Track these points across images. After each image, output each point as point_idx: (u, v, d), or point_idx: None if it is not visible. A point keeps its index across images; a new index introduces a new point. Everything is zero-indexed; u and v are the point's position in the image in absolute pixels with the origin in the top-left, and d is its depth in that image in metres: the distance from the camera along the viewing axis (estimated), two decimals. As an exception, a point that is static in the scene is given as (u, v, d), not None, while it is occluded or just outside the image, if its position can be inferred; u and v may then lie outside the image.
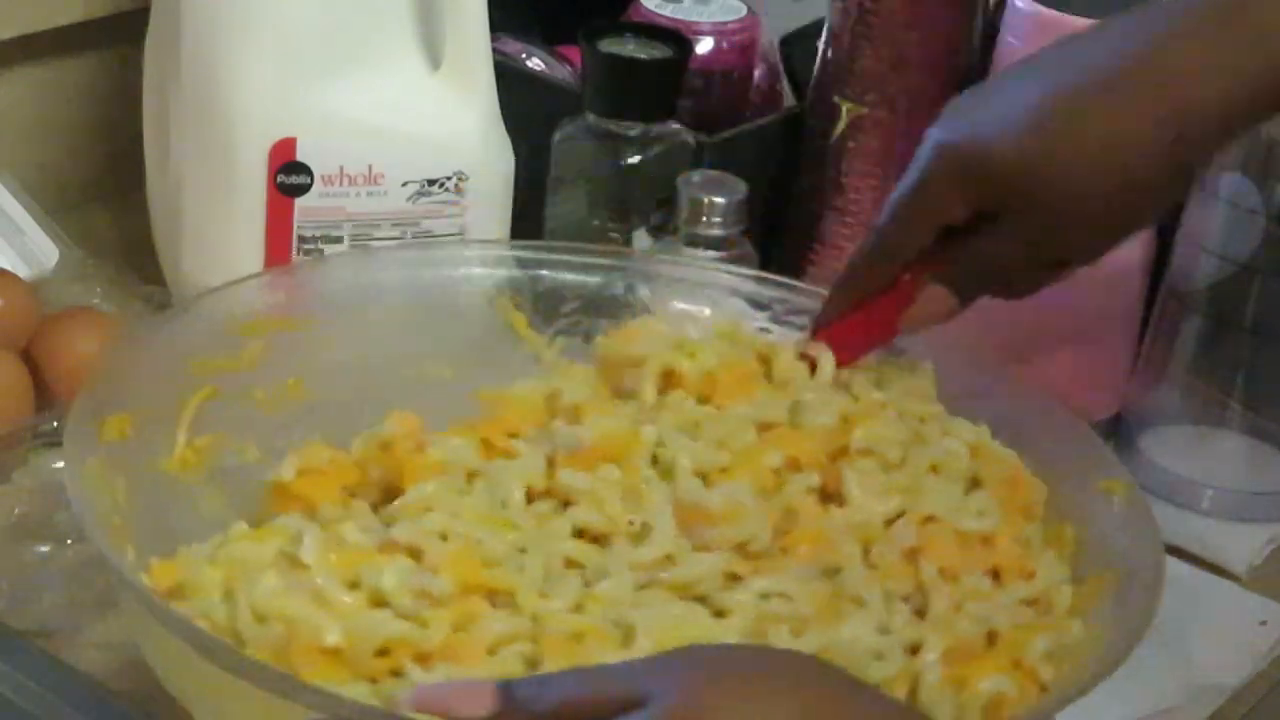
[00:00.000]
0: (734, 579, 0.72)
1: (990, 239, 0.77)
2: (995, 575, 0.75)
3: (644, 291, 0.88)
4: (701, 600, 0.71)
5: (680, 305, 0.89)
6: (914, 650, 0.70)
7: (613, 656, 0.65)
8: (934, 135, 0.77)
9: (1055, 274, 0.79)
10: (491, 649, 0.66)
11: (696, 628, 0.68)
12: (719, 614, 0.70)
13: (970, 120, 0.76)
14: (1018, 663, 0.71)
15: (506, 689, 0.55)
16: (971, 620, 0.72)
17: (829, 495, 0.76)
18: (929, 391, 0.82)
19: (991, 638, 0.72)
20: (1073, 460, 0.80)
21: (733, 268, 0.92)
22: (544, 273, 0.88)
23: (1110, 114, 0.73)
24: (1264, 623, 0.89)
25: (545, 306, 0.88)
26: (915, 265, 0.79)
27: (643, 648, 0.66)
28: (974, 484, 0.79)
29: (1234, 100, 0.72)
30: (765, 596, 0.71)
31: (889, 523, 0.75)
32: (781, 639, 0.69)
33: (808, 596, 0.71)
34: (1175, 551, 0.93)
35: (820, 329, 0.82)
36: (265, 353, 0.81)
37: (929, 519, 0.75)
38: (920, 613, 0.73)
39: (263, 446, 0.79)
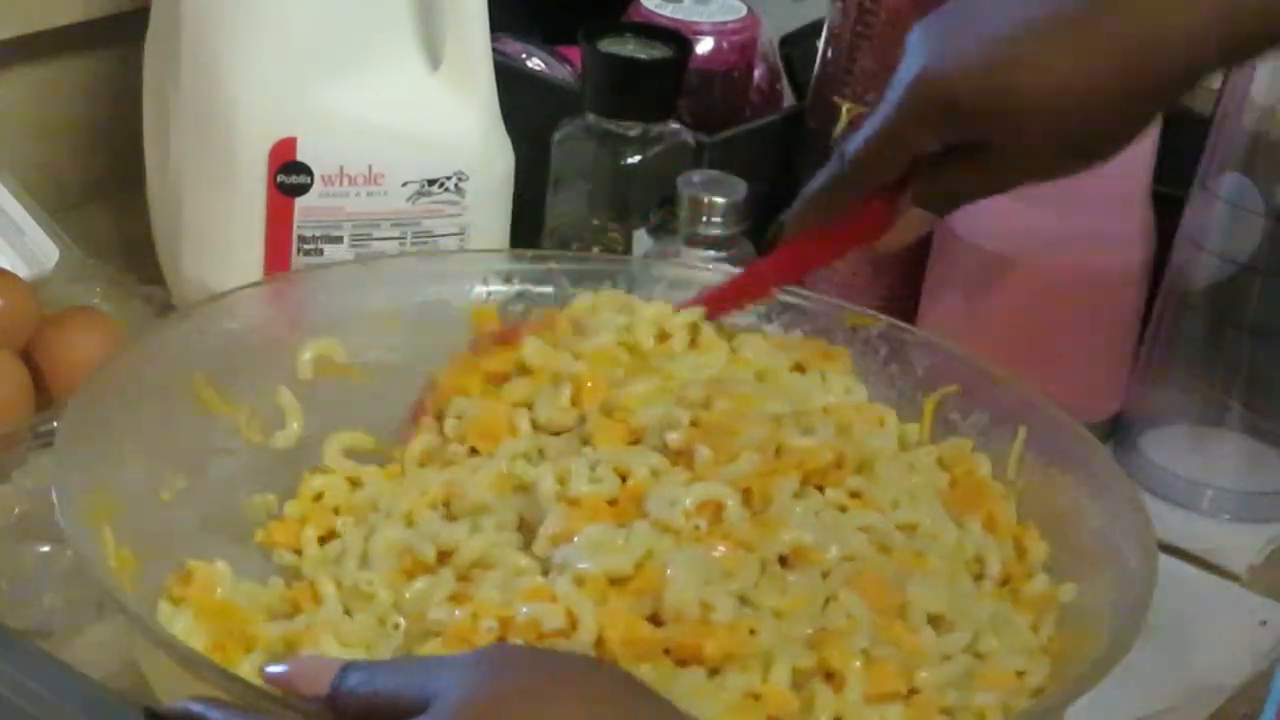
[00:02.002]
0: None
1: (959, 166, 0.77)
2: None
3: (642, 292, 0.88)
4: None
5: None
6: None
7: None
8: (914, 61, 0.75)
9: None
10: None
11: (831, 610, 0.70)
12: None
13: (947, 48, 0.75)
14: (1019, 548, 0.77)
15: (343, 674, 0.57)
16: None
17: None
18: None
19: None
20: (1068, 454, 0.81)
21: (733, 268, 0.92)
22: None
23: (1079, 51, 0.72)
24: (1264, 623, 0.89)
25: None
26: (885, 191, 0.80)
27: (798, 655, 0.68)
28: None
29: (1200, 42, 0.71)
30: (849, 559, 0.72)
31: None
32: (893, 596, 0.70)
33: (870, 549, 0.73)
34: (1175, 551, 0.93)
35: (765, 250, 0.83)
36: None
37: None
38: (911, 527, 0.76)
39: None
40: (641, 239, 1.00)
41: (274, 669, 0.59)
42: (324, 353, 0.82)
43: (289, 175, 0.95)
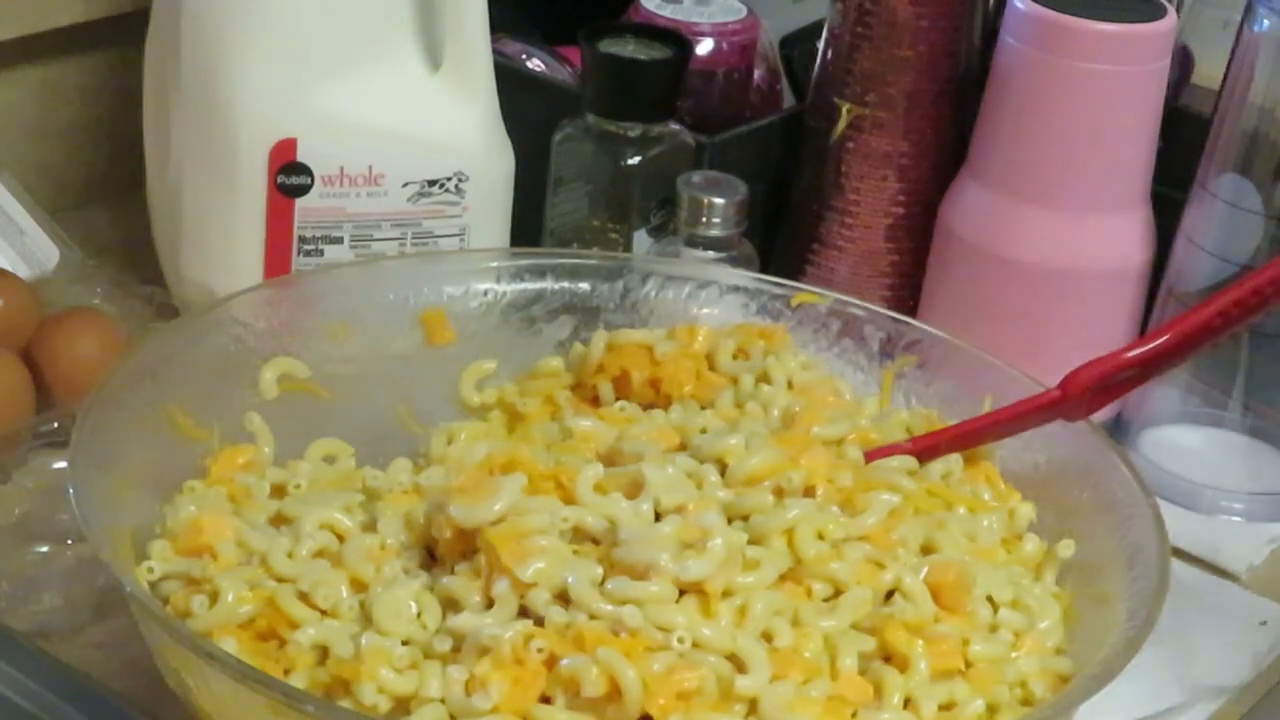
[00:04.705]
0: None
1: None
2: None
3: (643, 293, 0.88)
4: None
5: (679, 306, 0.89)
6: None
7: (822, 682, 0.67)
8: None
9: None
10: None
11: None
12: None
13: None
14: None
15: None
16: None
17: None
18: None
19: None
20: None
21: (733, 268, 0.92)
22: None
23: None
24: (1264, 623, 0.89)
25: (543, 313, 0.88)
26: None
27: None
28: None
29: None
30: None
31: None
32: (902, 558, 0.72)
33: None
34: (1175, 552, 0.92)
35: None
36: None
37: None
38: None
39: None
40: (641, 239, 1.00)
41: None
42: (286, 371, 0.81)
43: (289, 176, 0.95)
